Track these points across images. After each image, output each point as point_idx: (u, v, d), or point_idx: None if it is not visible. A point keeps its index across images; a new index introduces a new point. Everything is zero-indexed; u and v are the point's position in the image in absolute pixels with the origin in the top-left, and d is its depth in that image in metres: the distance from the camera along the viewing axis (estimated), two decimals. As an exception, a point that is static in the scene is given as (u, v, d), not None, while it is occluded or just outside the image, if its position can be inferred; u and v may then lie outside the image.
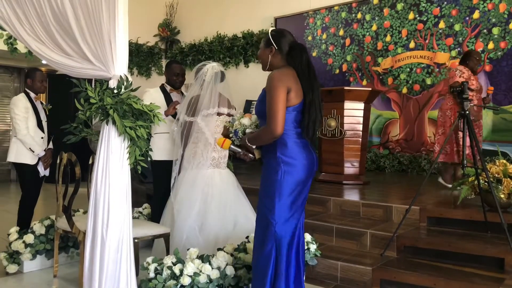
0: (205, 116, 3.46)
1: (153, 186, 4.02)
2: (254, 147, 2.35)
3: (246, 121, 2.40)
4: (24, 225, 3.63)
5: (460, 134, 4.19)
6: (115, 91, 2.17)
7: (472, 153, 3.33)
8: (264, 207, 2.28)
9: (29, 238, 3.34)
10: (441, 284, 2.79)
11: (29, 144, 3.91)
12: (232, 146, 2.39)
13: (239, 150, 2.40)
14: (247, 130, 2.39)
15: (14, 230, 3.43)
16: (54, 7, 2.46)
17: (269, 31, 2.39)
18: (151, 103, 2.28)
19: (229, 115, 3.58)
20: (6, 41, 5.24)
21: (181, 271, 2.46)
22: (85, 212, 3.52)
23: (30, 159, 3.97)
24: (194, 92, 3.52)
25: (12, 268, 3.30)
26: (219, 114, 3.53)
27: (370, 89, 5.32)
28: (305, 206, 2.42)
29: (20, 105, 3.96)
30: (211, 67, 3.55)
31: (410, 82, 6.66)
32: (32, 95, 4.11)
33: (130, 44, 8.73)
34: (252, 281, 2.29)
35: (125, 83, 2.19)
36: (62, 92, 4.13)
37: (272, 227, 2.22)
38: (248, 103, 8.00)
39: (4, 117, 8.99)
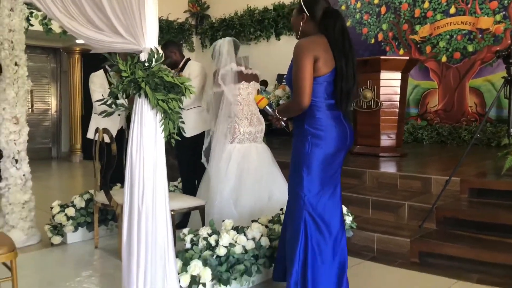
0: (224, 74, 3.41)
1: (179, 162, 4.04)
2: (285, 118, 2.29)
3: (279, 92, 2.35)
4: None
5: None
6: (146, 64, 2.15)
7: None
8: (293, 180, 2.25)
9: (70, 211, 3.46)
10: (485, 256, 2.70)
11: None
12: (267, 107, 2.34)
13: (272, 113, 2.34)
14: (281, 102, 2.34)
15: (56, 203, 3.56)
16: (84, -18, 2.46)
17: None
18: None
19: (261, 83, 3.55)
20: (41, 21, 5.35)
21: (217, 242, 2.48)
22: (122, 186, 3.60)
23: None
24: (216, 67, 3.50)
25: (57, 240, 3.43)
26: (244, 78, 3.48)
27: (408, 58, 5.12)
28: (341, 179, 2.36)
29: (96, 81, 4.01)
30: (222, 40, 3.55)
31: (450, 50, 6.36)
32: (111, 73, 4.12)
33: (161, 21, 8.74)
34: (286, 252, 2.28)
35: (155, 56, 2.16)
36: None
37: (301, 200, 2.18)
38: (280, 77, 7.89)
39: (43, 97, 9.27)
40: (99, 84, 3.98)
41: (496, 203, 3.31)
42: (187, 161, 3.87)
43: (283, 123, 2.36)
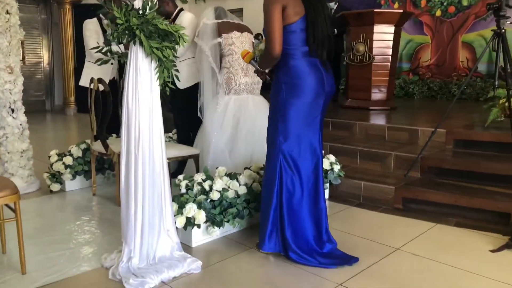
0: (199, 30, 3.52)
1: (173, 113, 4.11)
2: (267, 71, 2.36)
3: (262, 46, 2.39)
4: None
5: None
6: (140, 11, 2.18)
7: (505, 74, 3.23)
8: (270, 128, 2.33)
9: (68, 160, 3.55)
10: (463, 201, 2.87)
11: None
12: (252, 61, 2.42)
13: (257, 67, 2.42)
14: None
15: (54, 152, 3.64)
16: None
17: None
18: None
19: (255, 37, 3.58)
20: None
21: (211, 187, 2.60)
22: (118, 136, 3.68)
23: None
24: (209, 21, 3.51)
25: (56, 187, 3.55)
26: (236, 27, 3.54)
27: (402, 11, 5.10)
28: (330, 131, 2.45)
29: (91, 28, 3.99)
30: (207, 11, 3.62)
31: (444, 4, 6.32)
32: (105, 21, 4.09)
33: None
34: (262, 194, 2.40)
35: (149, 4, 2.19)
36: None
37: (277, 147, 2.27)
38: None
39: (34, 49, 9.14)
40: (94, 30, 3.98)
41: (479, 154, 3.45)
42: (181, 113, 3.94)
43: (267, 76, 2.43)
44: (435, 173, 3.34)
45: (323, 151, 2.46)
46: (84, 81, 3.96)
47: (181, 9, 3.95)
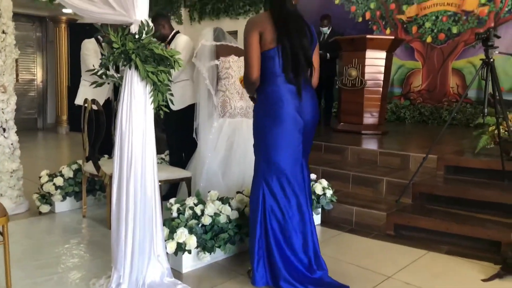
0: (197, 52, 3.54)
1: (166, 135, 4.11)
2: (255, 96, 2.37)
3: None
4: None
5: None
6: (137, 36, 2.20)
7: (494, 102, 3.29)
8: (254, 154, 2.34)
9: (59, 180, 3.52)
10: (454, 229, 2.87)
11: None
12: None
13: None
14: None
15: (44, 173, 3.61)
16: (74, -49, 2.46)
17: None
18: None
19: None
20: (28, -12, 5.26)
21: (202, 211, 2.59)
22: (110, 158, 3.66)
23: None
24: (208, 42, 3.54)
25: (45, 208, 3.50)
26: (234, 51, 3.56)
27: (393, 37, 5.20)
28: (322, 155, 2.45)
29: (90, 47, 4.02)
30: (206, 31, 3.65)
31: (435, 31, 6.46)
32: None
33: (149, -8, 8.60)
34: (249, 223, 2.36)
35: (146, 28, 2.21)
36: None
37: (260, 173, 2.27)
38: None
39: (28, 66, 9.14)
40: (93, 50, 4.02)
41: (469, 180, 3.48)
42: (175, 134, 3.94)
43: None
44: (426, 199, 3.36)
45: (310, 177, 2.45)
46: (79, 100, 3.96)
47: (177, 32, 4.00)
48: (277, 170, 2.25)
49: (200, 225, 2.54)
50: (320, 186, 3.26)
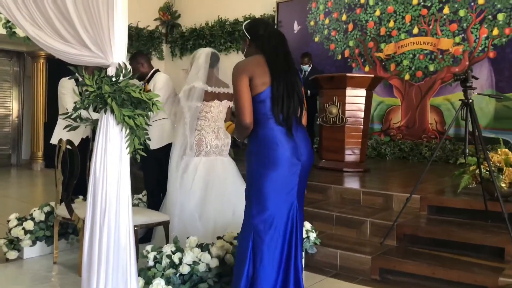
0: (186, 90, 3.41)
1: (143, 174, 4.00)
2: (245, 141, 2.32)
3: None
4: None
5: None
6: (113, 79, 2.13)
7: (474, 142, 3.30)
8: (245, 197, 2.25)
9: (29, 224, 3.34)
10: (440, 273, 2.80)
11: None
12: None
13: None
14: None
15: (13, 216, 3.42)
16: (51, -9, 2.41)
17: (243, 25, 2.39)
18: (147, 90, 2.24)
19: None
20: (5, 24, 5.15)
21: (180, 260, 2.47)
22: (85, 199, 3.52)
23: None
24: (192, 80, 3.47)
25: (12, 255, 3.30)
26: (217, 96, 3.49)
27: (373, 75, 5.27)
28: (306, 194, 2.38)
29: (66, 86, 3.90)
30: (205, 51, 3.54)
31: (413, 68, 6.60)
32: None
33: (130, 28, 8.63)
34: (234, 270, 2.24)
35: (123, 71, 2.15)
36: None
37: (250, 219, 2.18)
38: (249, 88, 7.94)
39: (4, 102, 8.94)
40: (70, 89, 3.91)
41: (452, 220, 3.44)
42: (152, 174, 3.84)
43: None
44: (411, 241, 3.29)
45: (302, 222, 2.37)
46: (54, 140, 3.84)
47: (157, 70, 3.95)
48: (271, 216, 2.16)
49: (178, 275, 2.41)
50: (304, 229, 3.16)
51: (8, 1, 2.77)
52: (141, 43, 9.07)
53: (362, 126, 5.12)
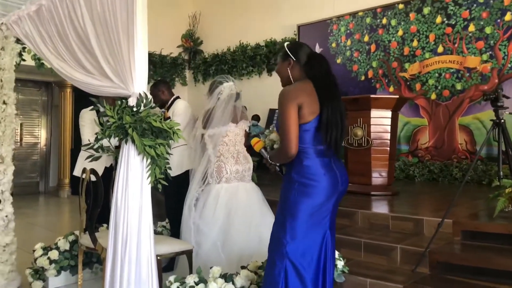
0: (212, 135, 3.40)
1: (165, 202, 3.97)
2: (278, 164, 2.26)
3: (274, 136, 2.32)
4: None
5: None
6: (134, 109, 2.13)
7: (508, 164, 3.15)
8: (277, 224, 2.19)
9: (53, 254, 3.34)
10: (479, 305, 2.63)
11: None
12: (262, 150, 2.32)
13: (267, 156, 2.31)
14: (275, 146, 2.31)
15: (39, 246, 3.44)
16: (75, 24, 2.47)
17: (285, 45, 2.30)
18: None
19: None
20: (34, 56, 5.36)
21: (204, 291, 2.40)
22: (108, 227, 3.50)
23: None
24: (210, 106, 3.47)
25: (37, 285, 3.30)
26: (233, 120, 3.47)
27: (398, 96, 5.17)
28: (334, 226, 2.30)
29: (86, 117, 3.96)
30: (228, 87, 3.48)
31: (439, 87, 6.45)
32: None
33: (154, 55, 8.81)
34: None
35: (144, 101, 2.15)
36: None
37: (283, 247, 2.10)
38: (272, 111, 7.94)
39: (32, 130, 9.20)
40: (89, 120, 3.95)
41: (489, 246, 3.26)
42: (173, 201, 3.81)
43: (277, 167, 2.32)
44: (445, 269, 3.12)
45: (334, 250, 2.29)
46: (78, 171, 3.86)
47: (177, 97, 3.97)
48: (305, 243, 2.11)
49: (201, 307, 2.34)
50: (333, 263, 3.05)
51: (34, 35, 2.86)
52: (164, 70, 9.24)
53: (388, 148, 4.99)
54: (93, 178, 3.18)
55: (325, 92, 2.14)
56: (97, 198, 3.10)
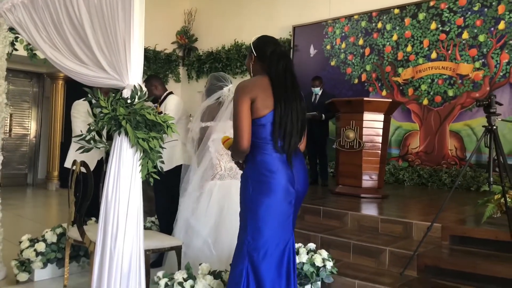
0: (214, 139, 3.38)
1: (155, 197, 3.95)
2: (241, 161, 2.22)
3: None
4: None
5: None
6: (129, 101, 2.11)
7: (499, 170, 3.18)
8: (240, 225, 2.13)
9: (40, 246, 3.30)
10: (465, 310, 2.65)
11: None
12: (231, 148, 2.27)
13: None
14: None
15: (25, 238, 3.40)
16: (71, 14, 2.43)
17: (252, 39, 2.31)
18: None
19: None
20: (26, 47, 5.28)
21: (192, 287, 2.38)
22: (97, 221, 3.47)
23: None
24: (208, 103, 3.45)
25: (23, 277, 3.25)
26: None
27: (391, 100, 5.19)
28: (321, 220, 2.29)
29: (79, 109, 3.91)
30: (228, 91, 3.51)
31: (431, 93, 6.50)
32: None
33: (148, 51, 8.76)
34: None
35: (138, 93, 2.12)
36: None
37: (244, 247, 2.05)
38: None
39: (22, 121, 9.09)
40: (83, 112, 3.90)
41: (477, 252, 3.28)
42: (162, 197, 3.78)
43: (239, 164, 2.28)
44: (433, 272, 3.14)
45: (295, 252, 2.25)
46: (69, 162, 3.82)
47: (170, 92, 3.95)
48: (265, 244, 2.04)
49: (189, 303, 2.32)
50: (320, 258, 3.05)
51: (28, 24, 2.81)
52: (158, 66, 9.18)
53: (380, 151, 5.01)
54: (83, 170, 3.15)
55: (279, 90, 2.10)
56: (86, 190, 3.07)
